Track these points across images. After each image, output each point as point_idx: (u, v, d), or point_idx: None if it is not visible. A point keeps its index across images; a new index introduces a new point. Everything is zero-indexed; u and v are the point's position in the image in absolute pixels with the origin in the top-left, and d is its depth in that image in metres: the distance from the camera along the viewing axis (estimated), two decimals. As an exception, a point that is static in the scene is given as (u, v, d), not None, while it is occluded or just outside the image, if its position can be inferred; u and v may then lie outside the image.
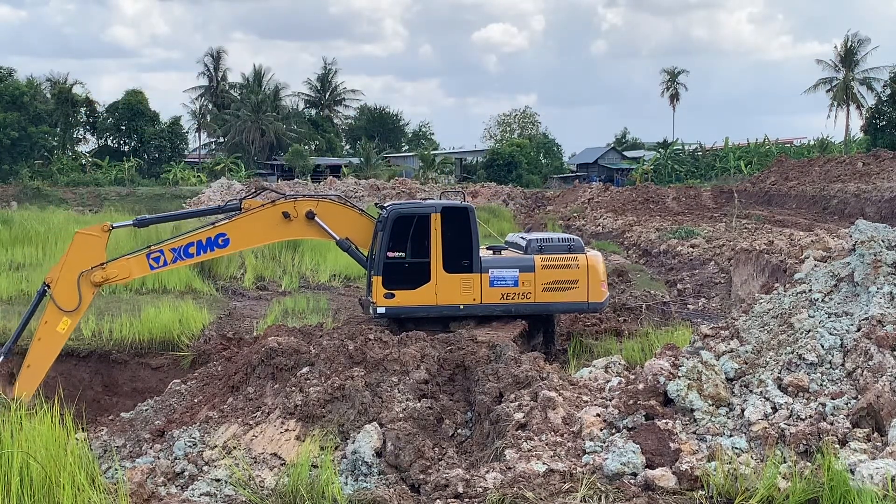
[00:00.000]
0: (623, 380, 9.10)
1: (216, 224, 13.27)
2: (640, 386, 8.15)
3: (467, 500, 6.96)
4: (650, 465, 7.15)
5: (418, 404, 9.86)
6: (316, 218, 13.35)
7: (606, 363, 10.37)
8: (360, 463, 8.84)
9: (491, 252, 14.40)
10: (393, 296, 13.42)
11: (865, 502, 6.03)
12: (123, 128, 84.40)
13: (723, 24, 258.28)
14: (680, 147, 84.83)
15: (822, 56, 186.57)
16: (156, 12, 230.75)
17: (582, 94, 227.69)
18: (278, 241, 14.10)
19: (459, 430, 9.86)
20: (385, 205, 13.96)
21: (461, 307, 13.62)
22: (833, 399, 7.39)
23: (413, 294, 13.47)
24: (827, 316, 8.23)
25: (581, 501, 6.61)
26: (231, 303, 18.67)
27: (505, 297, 13.68)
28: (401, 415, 9.46)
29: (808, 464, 6.78)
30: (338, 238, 13.60)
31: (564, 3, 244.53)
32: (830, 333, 7.97)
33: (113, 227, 12.72)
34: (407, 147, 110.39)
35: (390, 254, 13.46)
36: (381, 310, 13.44)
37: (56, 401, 8.32)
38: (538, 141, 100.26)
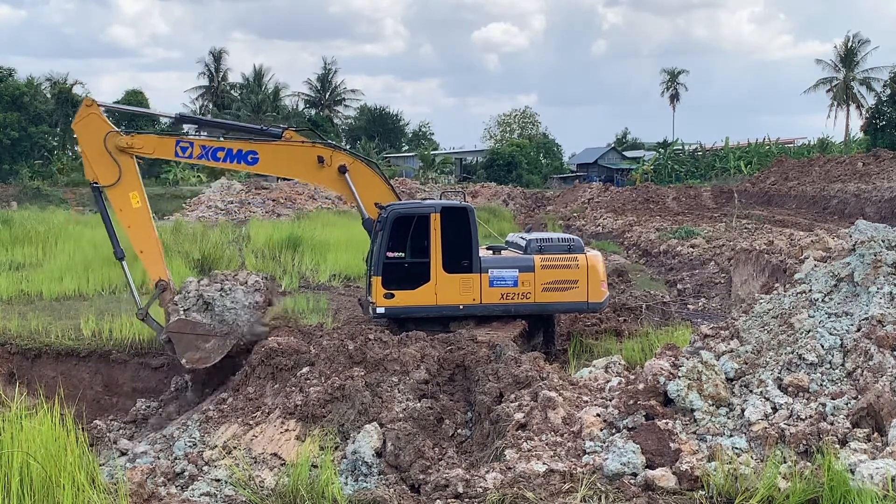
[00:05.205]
0: (623, 380, 9.10)
1: (252, 140, 13.56)
2: (640, 386, 8.14)
3: (467, 500, 6.96)
4: (650, 465, 7.15)
5: (418, 404, 9.86)
6: (346, 175, 13.51)
7: (606, 363, 10.38)
8: (360, 463, 8.84)
9: (491, 252, 14.39)
10: (393, 296, 13.41)
11: (865, 502, 6.03)
12: (123, 128, 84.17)
13: (723, 23, 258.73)
14: (680, 147, 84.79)
15: (823, 56, 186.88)
16: (156, 12, 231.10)
17: (582, 94, 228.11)
18: (303, 181, 14.73)
19: (459, 430, 9.86)
20: (385, 205, 13.96)
21: (461, 307, 13.61)
22: (833, 399, 7.39)
23: (413, 294, 13.46)
24: (827, 316, 8.22)
25: (581, 501, 6.60)
26: (231, 303, 18.61)
27: (505, 297, 13.67)
28: (401, 415, 9.46)
29: (808, 464, 6.77)
30: (366, 216, 13.77)
31: (565, 3, 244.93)
32: (830, 333, 7.97)
33: (97, 102, 13.03)
34: (407, 147, 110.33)
35: (390, 254, 13.46)
36: (380, 310, 13.43)
37: (56, 401, 8.31)
38: (538, 141, 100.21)
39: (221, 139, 13.90)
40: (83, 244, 24.20)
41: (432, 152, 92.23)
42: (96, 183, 12.73)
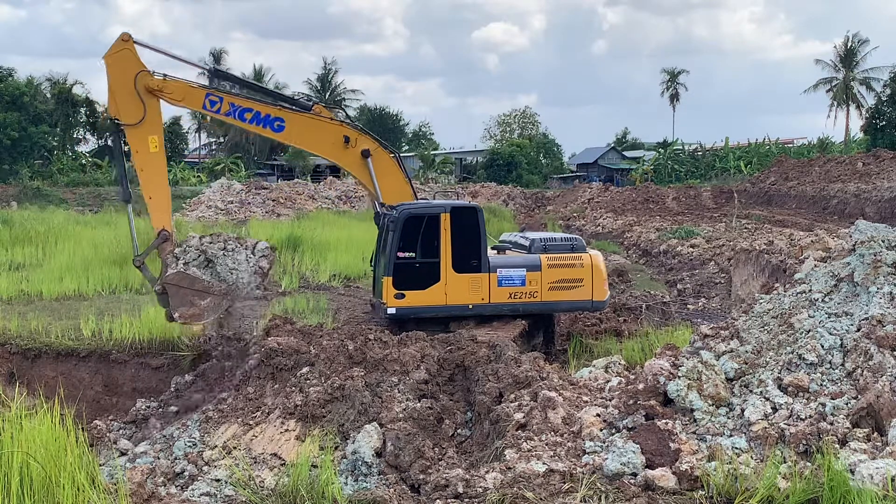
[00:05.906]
0: (623, 380, 9.10)
1: (282, 108, 13.57)
2: (640, 386, 8.14)
3: (467, 500, 6.96)
4: (650, 465, 7.15)
5: (418, 404, 9.86)
6: (369, 160, 13.50)
7: (606, 363, 10.38)
8: (360, 463, 8.84)
9: (495, 252, 14.42)
10: (403, 296, 13.39)
11: (865, 502, 6.03)
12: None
13: (723, 23, 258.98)
14: (680, 147, 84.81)
15: (823, 56, 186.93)
16: (156, 12, 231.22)
17: (582, 94, 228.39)
18: (325, 158, 14.77)
19: (459, 430, 9.86)
20: (394, 206, 13.94)
21: (470, 307, 13.62)
22: (833, 399, 7.39)
23: (423, 294, 13.45)
24: (827, 316, 8.22)
25: (581, 501, 6.60)
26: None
27: (512, 296, 13.71)
28: (401, 415, 9.45)
29: (808, 464, 6.77)
30: (379, 210, 13.73)
31: (565, 3, 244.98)
32: (830, 333, 7.96)
33: (133, 38, 12.74)
34: (407, 147, 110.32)
35: (401, 254, 13.44)
36: (391, 310, 13.41)
37: (56, 401, 8.31)
38: (538, 141, 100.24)
39: (252, 100, 13.79)
40: (83, 244, 24.20)
41: (432, 152, 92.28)
42: (118, 119, 12.60)
